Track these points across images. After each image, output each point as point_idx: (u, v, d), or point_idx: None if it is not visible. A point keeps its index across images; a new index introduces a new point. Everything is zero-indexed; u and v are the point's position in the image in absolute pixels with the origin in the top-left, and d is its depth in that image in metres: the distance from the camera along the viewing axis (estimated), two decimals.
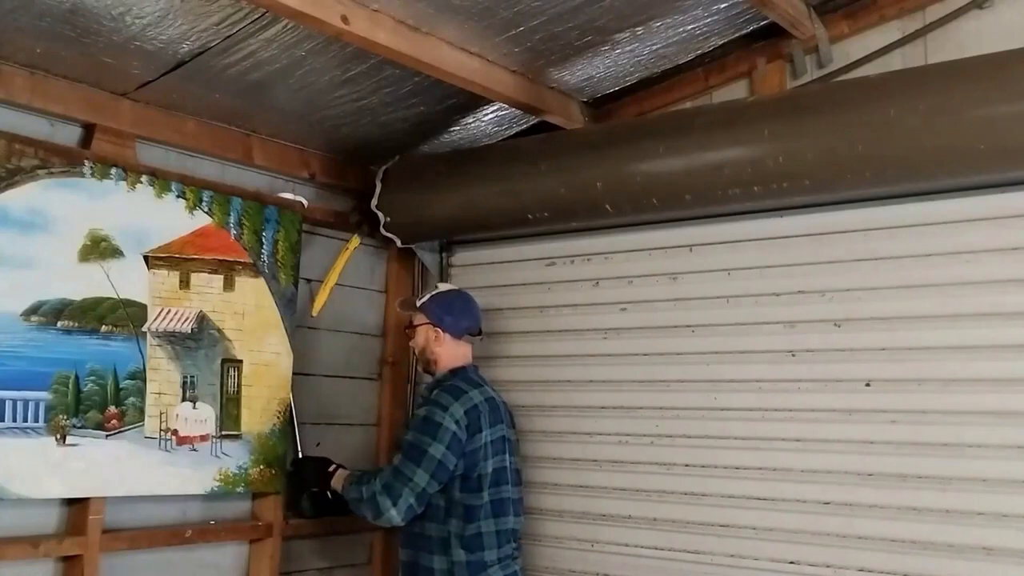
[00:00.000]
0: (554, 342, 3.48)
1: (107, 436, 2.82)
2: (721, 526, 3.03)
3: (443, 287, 3.35)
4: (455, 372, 3.15)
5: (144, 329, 2.93)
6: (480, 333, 3.28)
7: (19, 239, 2.64)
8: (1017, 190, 2.62)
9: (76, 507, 2.79)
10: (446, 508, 2.98)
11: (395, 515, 2.92)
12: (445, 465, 2.92)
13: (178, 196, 3.03)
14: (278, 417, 3.28)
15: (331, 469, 3.24)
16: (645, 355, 3.25)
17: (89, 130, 2.90)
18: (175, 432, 3.00)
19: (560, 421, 3.41)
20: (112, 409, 2.84)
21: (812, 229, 2.95)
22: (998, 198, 2.65)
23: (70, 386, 2.74)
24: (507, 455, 3.09)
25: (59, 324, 2.73)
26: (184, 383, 3.03)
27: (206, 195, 3.11)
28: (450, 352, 3.17)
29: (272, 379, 3.27)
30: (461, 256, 3.81)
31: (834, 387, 2.87)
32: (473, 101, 3.22)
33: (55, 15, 2.45)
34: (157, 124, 3.05)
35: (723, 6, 2.86)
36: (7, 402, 2.60)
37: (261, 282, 3.26)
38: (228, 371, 3.16)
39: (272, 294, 3.28)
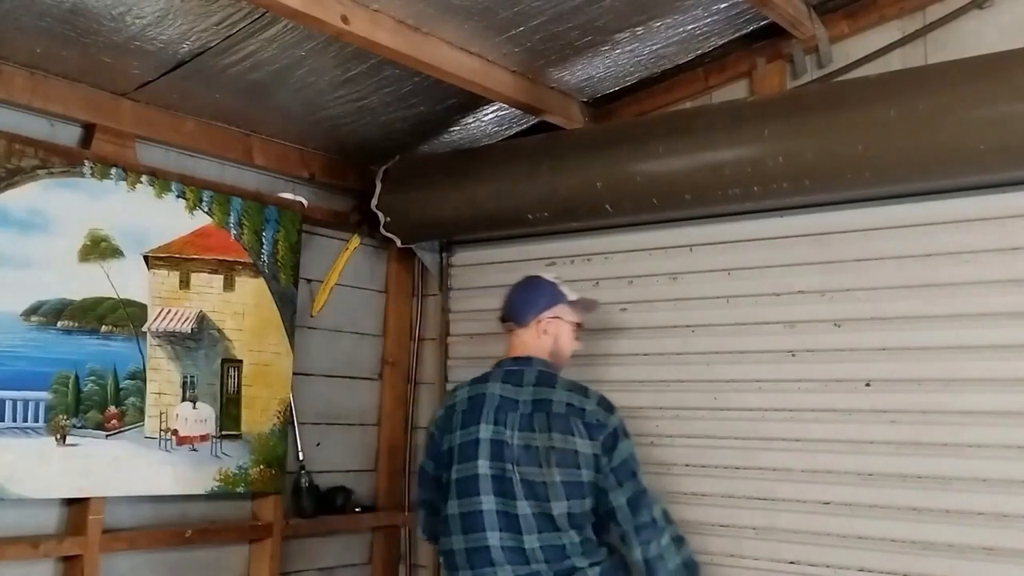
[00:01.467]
0: None
1: (107, 436, 2.83)
2: (721, 526, 3.03)
3: None
4: None
5: (144, 329, 2.94)
6: (505, 319, 2.82)
7: (19, 239, 2.65)
8: (1017, 190, 2.61)
9: (76, 507, 2.80)
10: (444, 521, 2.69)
11: (420, 532, 2.86)
12: (426, 471, 2.76)
13: (178, 196, 3.04)
14: (278, 417, 3.29)
15: None
16: (645, 355, 3.25)
17: (89, 130, 2.90)
18: (175, 432, 3.00)
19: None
20: (112, 409, 2.84)
21: (812, 229, 2.95)
22: (998, 198, 2.65)
23: (70, 386, 2.74)
24: (484, 460, 2.56)
25: (59, 324, 2.73)
26: (184, 383, 3.04)
27: (206, 195, 3.11)
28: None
29: (272, 379, 3.28)
30: (461, 256, 3.81)
31: (834, 387, 2.87)
32: (473, 101, 3.22)
33: (55, 15, 2.45)
34: (157, 124, 3.05)
35: (723, 6, 2.85)
36: (7, 402, 2.61)
37: (261, 282, 3.26)
38: (228, 371, 3.16)
39: (272, 294, 3.29)
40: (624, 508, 2.54)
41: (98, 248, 2.83)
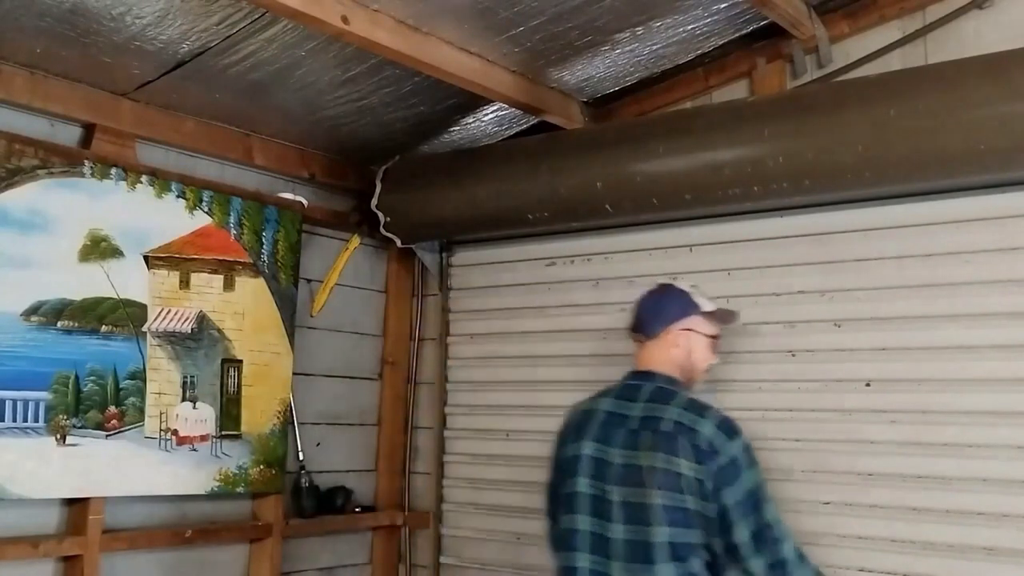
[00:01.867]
0: (554, 343, 3.47)
1: (107, 436, 2.83)
2: None
3: None
4: None
5: (144, 329, 2.94)
6: (633, 329, 2.63)
7: (19, 239, 2.65)
8: (1017, 190, 2.61)
9: (76, 507, 2.79)
10: None
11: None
12: (548, 482, 2.57)
13: (178, 196, 3.04)
14: (278, 417, 3.29)
15: None
16: None
17: (89, 130, 2.90)
18: (175, 432, 3.00)
19: (560, 422, 3.40)
20: (112, 409, 2.84)
21: (812, 229, 2.95)
22: (998, 198, 2.65)
23: (70, 386, 2.74)
24: (584, 478, 2.41)
25: (59, 324, 2.73)
26: (184, 383, 3.04)
27: (206, 195, 3.11)
28: None
29: (272, 379, 3.27)
30: (461, 256, 3.81)
31: (834, 387, 2.87)
32: (473, 101, 3.22)
33: (55, 15, 2.45)
34: (157, 124, 3.05)
35: (723, 6, 2.85)
36: (7, 402, 2.60)
37: (261, 282, 3.26)
38: (228, 371, 3.16)
39: (272, 294, 3.29)
40: (748, 545, 2.28)
41: (98, 248, 2.83)
